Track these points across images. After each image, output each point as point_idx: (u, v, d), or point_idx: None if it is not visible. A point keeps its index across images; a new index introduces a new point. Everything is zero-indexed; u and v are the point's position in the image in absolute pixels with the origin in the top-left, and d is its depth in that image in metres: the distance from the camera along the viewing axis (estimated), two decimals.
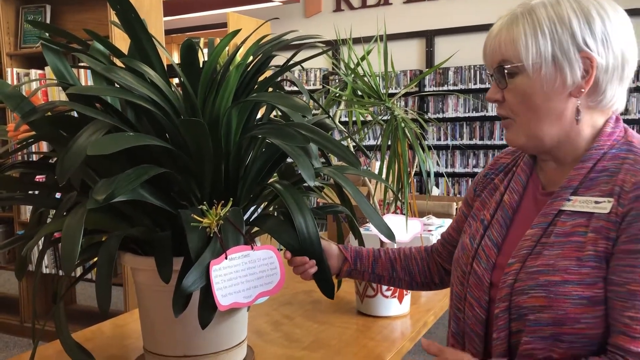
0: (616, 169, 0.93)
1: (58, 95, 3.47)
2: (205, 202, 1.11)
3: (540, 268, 0.92)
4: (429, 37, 5.90)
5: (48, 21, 3.73)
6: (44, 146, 3.25)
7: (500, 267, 1.00)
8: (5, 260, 4.14)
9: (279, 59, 1.42)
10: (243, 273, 1.11)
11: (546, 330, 0.89)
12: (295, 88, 5.48)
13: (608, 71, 0.94)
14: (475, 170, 5.68)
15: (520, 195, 1.06)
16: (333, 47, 1.49)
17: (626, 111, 5.00)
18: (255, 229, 1.31)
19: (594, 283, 0.89)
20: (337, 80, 1.98)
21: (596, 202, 0.92)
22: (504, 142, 5.48)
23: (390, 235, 1.34)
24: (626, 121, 5.00)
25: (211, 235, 1.09)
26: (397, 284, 1.34)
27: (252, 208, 1.41)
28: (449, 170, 5.84)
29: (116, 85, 1.23)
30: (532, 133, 0.98)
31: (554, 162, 1.03)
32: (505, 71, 0.96)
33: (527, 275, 0.93)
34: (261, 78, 1.35)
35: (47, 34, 1.42)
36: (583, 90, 0.94)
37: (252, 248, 1.13)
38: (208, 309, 1.08)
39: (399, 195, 1.75)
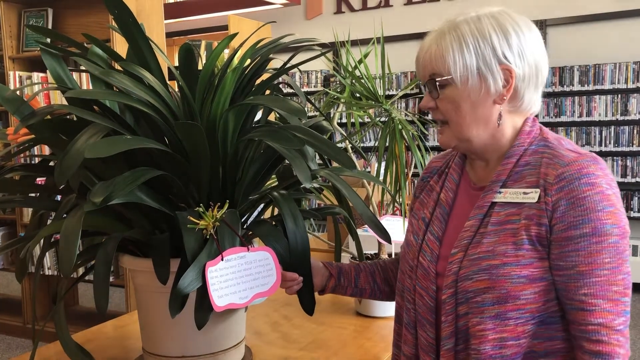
0: (537, 163, 1.05)
1: (60, 98, 3.49)
2: (202, 204, 1.13)
3: (481, 255, 1.03)
4: None
5: (50, 25, 3.76)
6: (46, 149, 3.27)
7: (444, 258, 1.10)
8: (8, 262, 4.17)
9: (278, 62, 1.43)
10: (239, 274, 1.12)
11: (491, 310, 1.00)
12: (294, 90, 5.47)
13: (525, 80, 1.06)
14: None
15: (454, 192, 1.17)
16: (331, 49, 1.50)
17: (626, 112, 5.02)
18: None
19: (530, 263, 1.00)
20: (337, 83, 1.99)
21: (524, 193, 1.03)
22: None
23: (386, 237, 1.35)
24: (626, 122, 5.05)
25: (208, 237, 1.10)
26: (379, 296, 1.38)
27: (249, 210, 1.42)
28: None
29: (115, 89, 1.25)
30: (462, 136, 1.10)
31: (482, 161, 1.14)
32: (437, 83, 1.07)
33: (470, 262, 1.04)
34: (259, 81, 1.37)
35: (47, 39, 1.44)
36: (505, 98, 1.07)
37: (248, 249, 1.14)
38: (204, 309, 1.09)
39: (397, 197, 1.76)
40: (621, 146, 5.06)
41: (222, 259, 1.10)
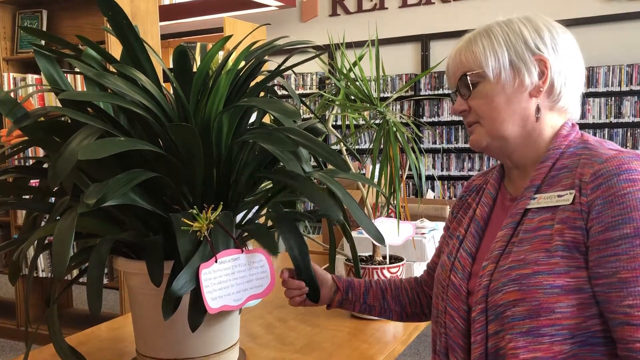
0: (574, 165, 0.98)
1: (54, 100, 3.48)
2: (196, 206, 1.12)
3: (512, 264, 0.94)
4: (424, 41, 5.93)
5: (44, 26, 3.75)
6: (41, 151, 3.26)
7: (476, 275, 1.03)
8: (2, 264, 4.15)
9: (273, 65, 1.43)
10: (233, 276, 1.12)
11: (522, 325, 0.90)
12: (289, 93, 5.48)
13: (561, 74, 1.03)
14: (470, 173, 5.71)
15: (490, 207, 1.11)
16: (325, 51, 1.50)
17: (620, 114, 5.04)
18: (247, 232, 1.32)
19: (566, 272, 0.90)
20: (332, 85, 2.00)
21: (559, 196, 0.96)
22: None
23: (380, 239, 1.35)
24: (619, 125, 5.08)
25: (201, 239, 1.10)
26: (388, 315, 1.34)
27: (244, 212, 1.42)
28: (445, 173, 5.86)
29: (109, 91, 1.24)
30: (496, 133, 1.04)
31: (516, 168, 1.09)
32: (469, 79, 1.04)
33: (500, 273, 0.96)
34: (253, 83, 1.37)
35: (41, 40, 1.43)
36: (541, 89, 1.02)
37: (242, 251, 1.14)
38: (198, 312, 1.09)
39: (391, 199, 1.76)
40: None
41: (215, 261, 1.10)
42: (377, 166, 1.79)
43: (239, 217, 1.42)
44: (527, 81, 1.02)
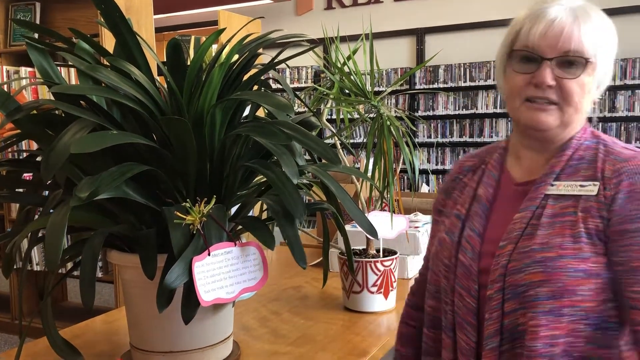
0: (592, 158, 1.03)
1: (48, 93, 3.47)
2: (189, 200, 1.13)
3: (535, 247, 0.98)
4: (419, 35, 5.92)
5: (37, 19, 3.73)
6: (35, 145, 3.25)
7: (487, 255, 1.05)
8: None
9: (267, 58, 1.43)
10: (226, 269, 1.13)
11: (546, 304, 0.95)
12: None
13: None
14: None
15: (493, 188, 1.12)
16: (319, 44, 1.50)
17: (614, 108, 5.06)
18: (241, 226, 1.33)
19: (588, 257, 0.95)
20: (327, 79, 2.00)
21: (581, 186, 1.01)
22: (493, 138, 5.52)
23: (373, 232, 1.35)
24: (612, 119, 5.10)
25: (195, 232, 1.10)
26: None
27: (238, 205, 1.42)
28: (439, 167, 5.87)
29: (103, 84, 1.24)
30: (568, 121, 1.05)
31: (535, 151, 1.09)
32: (586, 64, 1.01)
33: (522, 254, 0.99)
34: (246, 76, 1.37)
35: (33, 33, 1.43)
36: (602, 94, 1.08)
37: (235, 244, 1.15)
38: (191, 304, 1.09)
39: (385, 193, 1.77)
40: None
41: (208, 254, 1.10)
42: (371, 160, 1.80)
43: (233, 210, 1.43)
44: (603, 87, 1.07)
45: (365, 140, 1.82)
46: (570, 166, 1.04)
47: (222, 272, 1.12)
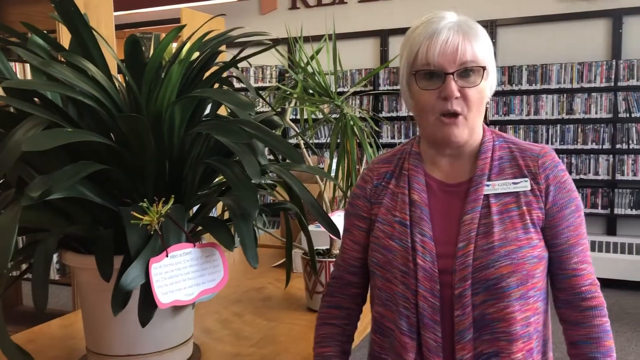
0: (509, 156, 1.17)
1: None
2: (146, 200, 1.10)
3: (495, 242, 1.09)
4: (383, 36, 5.97)
5: None
6: None
7: (443, 256, 1.12)
8: None
9: (230, 56, 1.41)
10: (185, 271, 1.10)
11: (517, 292, 1.08)
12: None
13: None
14: None
15: (426, 192, 1.19)
16: (279, 43, 1.49)
17: (571, 111, 5.20)
18: (201, 226, 1.30)
19: (536, 244, 1.11)
20: (291, 78, 1.99)
21: (514, 183, 1.14)
22: None
23: (336, 232, 1.35)
24: (571, 121, 5.23)
25: (152, 232, 1.08)
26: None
27: (198, 206, 1.40)
28: None
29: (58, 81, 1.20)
30: (472, 127, 1.14)
31: (452, 157, 1.18)
32: (484, 71, 1.11)
33: (485, 252, 1.09)
34: (207, 74, 1.35)
35: None
36: (492, 92, 1.18)
37: (195, 245, 1.13)
38: (148, 307, 1.06)
39: (348, 193, 1.76)
40: (566, 144, 5.24)
41: (166, 255, 1.08)
42: (335, 160, 1.79)
43: (194, 210, 1.40)
44: (494, 88, 1.18)
45: (329, 140, 1.81)
46: (494, 167, 1.16)
47: (180, 274, 1.10)
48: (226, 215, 1.50)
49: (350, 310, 1.30)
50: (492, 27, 5.46)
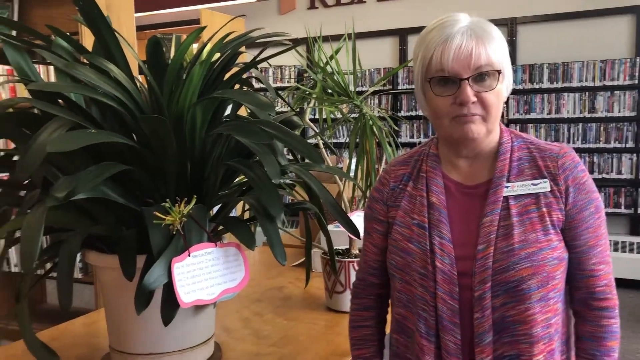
0: (529, 157, 1.16)
1: (25, 92, 3.41)
2: (169, 200, 1.11)
3: (515, 245, 1.09)
4: (402, 35, 5.94)
5: (16, 16, 3.67)
6: (12, 144, 3.19)
7: (461, 259, 1.12)
8: None
9: (250, 57, 1.42)
10: (206, 270, 1.11)
11: (537, 294, 1.08)
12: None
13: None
14: None
15: (444, 195, 1.18)
16: (299, 44, 1.49)
17: (593, 109, 5.13)
18: (222, 226, 1.31)
19: (556, 246, 1.10)
20: (310, 78, 1.99)
21: (533, 184, 1.13)
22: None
23: (356, 232, 1.35)
24: (593, 119, 5.15)
25: (174, 232, 1.09)
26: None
27: (219, 205, 1.41)
28: None
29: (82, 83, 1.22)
30: (491, 129, 1.14)
31: (470, 159, 1.18)
32: (499, 74, 1.10)
33: (505, 254, 1.09)
34: (228, 75, 1.36)
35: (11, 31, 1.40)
36: (508, 93, 1.17)
37: (216, 245, 1.13)
38: (170, 306, 1.08)
39: (367, 193, 1.76)
40: (588, 143, 5.17)
41: (188, 255, 1.09)
42: (354, 160, 1.79)
43: (215, 210, 1.41)
44: (510, 88, 1.16)
45: (347, 140, 1.81)
46: (514, 167, 1.15)
47: (202, 273, 1.11)
48: (246, 215, 1.51)
49: (378, 309, 1.31)
50: (512, 25, 5.40)
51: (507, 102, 5.68)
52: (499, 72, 1.10)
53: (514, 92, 5.41)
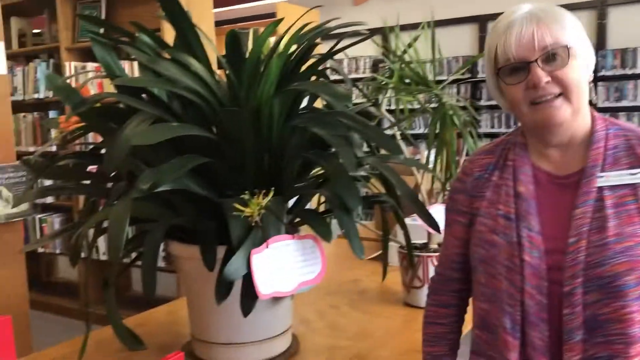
0: (626, 145, 1.09)
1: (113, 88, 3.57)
2: (247, 192, 1.12)
3: (610, 238, 1.02)
4: (482, 22, 5.75)
5: (103, 15, 3.84)
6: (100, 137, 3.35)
7: (551, 252, 1.07)
8: (67, 247, 4.32)
9: (325, 49, 1.41)
10: (284, 262, 1.11)
11: (635, 291, 1.01)
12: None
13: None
14: None
15: (533, 185, 1.12)
16: (376, 34, 1.46)
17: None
18: (299, 218, 1.31)
19: None
20: (386, 68, 1.96)
21: (631, 174, 1.06)
22: None
23: (435, 226, 1.31)
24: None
25: (253, 224, 1.09)
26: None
27: (296, 198, 1.41)
28: None
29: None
30: (577, 107, 1.07)
31: (561, 148, 1.12)
32: (569, 50, 1.04)
33: (599, 248, 1.03)
34: (304, 67, 1.35)
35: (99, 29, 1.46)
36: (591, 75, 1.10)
37: (294, 237, 1.13)
38: (249, 297, 1.09)
39: (447, 185, 1.71)
40: None
41: (267, 247, 1.09)
42: (433, 151, 1.74)
43: (291, 203, 1.41)
44: (592, 66, 1.09)
45: (425, 131, 1.76)
46: (608, 156, 1.08)
47: (280, 265, 1.11)
48: (321, 208, 1.50)
49: (456, 307, 1.27)
50: (602, 7, 5.10)
51: (595, 88, 5.38)
52: (567, 47, 1.04)
53: (603, 78, 5.12)
